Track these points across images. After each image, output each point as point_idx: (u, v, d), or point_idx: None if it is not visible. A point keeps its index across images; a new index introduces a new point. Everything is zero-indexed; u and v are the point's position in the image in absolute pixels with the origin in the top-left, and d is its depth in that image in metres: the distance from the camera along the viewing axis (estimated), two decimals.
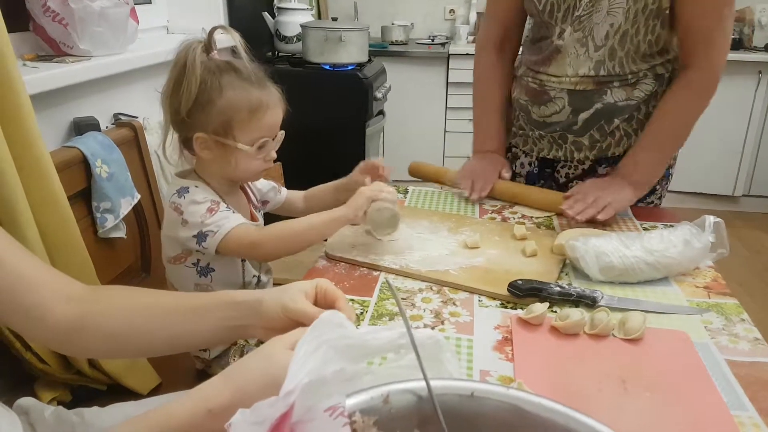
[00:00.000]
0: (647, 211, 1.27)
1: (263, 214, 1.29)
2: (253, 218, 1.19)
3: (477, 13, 3.71)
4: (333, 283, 0.69)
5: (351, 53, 2.48)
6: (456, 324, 0.85)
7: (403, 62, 3.38)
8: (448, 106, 3.51)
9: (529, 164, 1.40)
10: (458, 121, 3.52)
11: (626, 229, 1.16)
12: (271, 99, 1.06)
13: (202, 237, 1.04)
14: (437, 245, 1.08)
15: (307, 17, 2.64)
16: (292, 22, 2.59)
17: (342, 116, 2.50)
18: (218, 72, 1.03)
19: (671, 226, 1.04)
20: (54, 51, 1.52)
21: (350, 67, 2.50)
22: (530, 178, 1.41)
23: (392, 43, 3.54)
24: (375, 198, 1.03)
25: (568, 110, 1.25)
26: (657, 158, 1.22)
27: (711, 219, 0.98)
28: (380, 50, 3.32)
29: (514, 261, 1.02)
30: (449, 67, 3.39)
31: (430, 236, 1.12)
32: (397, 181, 1.18)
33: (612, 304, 0.88)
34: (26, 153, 1.14)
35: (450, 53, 3.35)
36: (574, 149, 1.30)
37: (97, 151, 1.41)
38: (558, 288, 0.89)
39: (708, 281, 0.98)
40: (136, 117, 1.68)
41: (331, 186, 1.26)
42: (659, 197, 1.35)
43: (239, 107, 1.03)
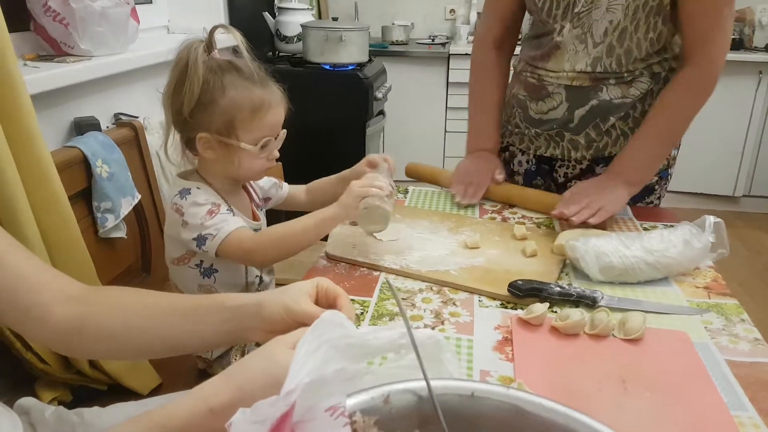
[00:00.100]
0: (647, 211, 1.27)
1: (266, 212, 1.28)
2: (255, 218, 1.19)
3: (477, 13, 3.71)
4: (333, 282, 0.69)
5: (351, 53, 2.49)
6: (456, 324, 0.85)
7: (404, 62, 3.38)
8: (449, 106, 3.51)
9: (527, 162, 1.40)
10: (458, 121, 3.52)
11: (626, 229, 1.16)
12: (274, 98, 1.06)
13: (202, 240, 1.03)
14: (437, 245, 1.08)
15: (308, 17, 2.64)
16: (293, 22, 2.59)
17: (342, 116, 2.50)
18: (220, 71, 1.02)
19: (671, 226, 1.04)
20: (55, 51, 1.52)
21: (350, 67, 2.50)
22: (528, 177, 1.41)
23: (392, 43, 3.55)
24: (365, 195, 1.01)
25: (565, 106, 1.25)
26: (652, 156, 1.21)
27: (711, 219, 0.98)
28: (380, 50, 3.32)
29: (514, 261, 1.02)
30: (449, 67, 3.39)
31: (430, 236, 1.12)
32: (397, 182, 1.17)
33: (612, 305, 0.88)
34: (27, 153, 1.14)
35: (450, 53, 3.35)
36: (571, 147, 1.30)
37: (98, 151, 1.41)
38: (558, 288, 0.89)
39: (708, 281, 0.98)
40: (137, 117, 1.68)
41: (335, 178, 1.25)
42: (658, 197, 1.35)
43: (242, 106, 1.02)
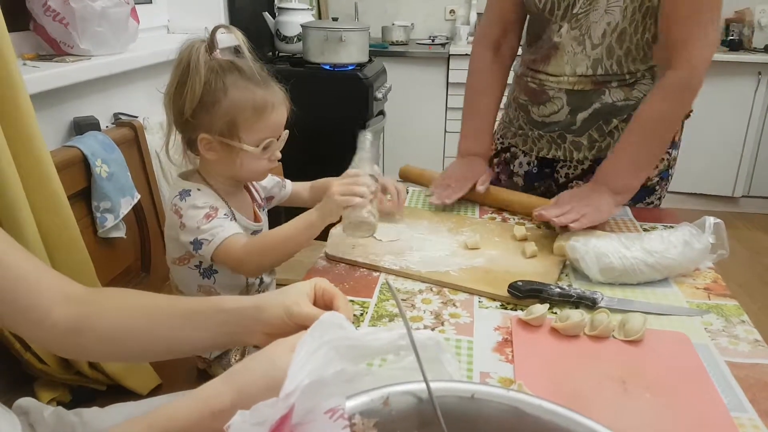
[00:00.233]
0: (647, 212, 1.27)
1: (268, 211, 1.28)
2: (257, 218, 1.18)
3: (477, 14, 3.71)
4: (330, 283, 0.69)
5: (351, 53, 2.48)
6: (456, 325, 0.85)
7: (404, 62, 3.38)
8: (449, 107, 3.50)
9: (528, 164, 1.40)
10: (458, 122, 3.45)
11: (626, 230, 1.16)
12: (276, 98, 1.05)
13: (198, 244, 1.03)
14: (437, 246, 1.08)
15: (308, 17, 2.64)
16: (293, 22, 2.59)
17: (342, 116, 2.50)
18: (222, 72, 1.02)
19: (671, 227, 1.04)
20: (54, 50, 1.52)
21: (350, 67, 2.50)
22: (529, 178, 1.40)
23: (392, 44, 3.54)
24: (346, 205, 0.99)
25: (567, 110, 1.25)
26: (635, 163, 1.15)
27: (711, 220, 0.98)
28: (380, 50, 3.32)
29: (514, 262, 1.02)
30: (449, 68, 3.39)
31: (430, 237, 1.12)
32: (398, 182, 1.17)
33: (612, 306, 0.88)
34: (26, 152, 1.14)
35: (450, 53, 3.35)
36: (573, 149, 1.30)
37: (97, 151, 1.41)
38: (558, 289, 0.89)
39: (708, 282, 0.98)
40: (137, 117, 1.68)
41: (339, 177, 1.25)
42: (659, 198, 1.35)
43: (244, 107, 1.02)
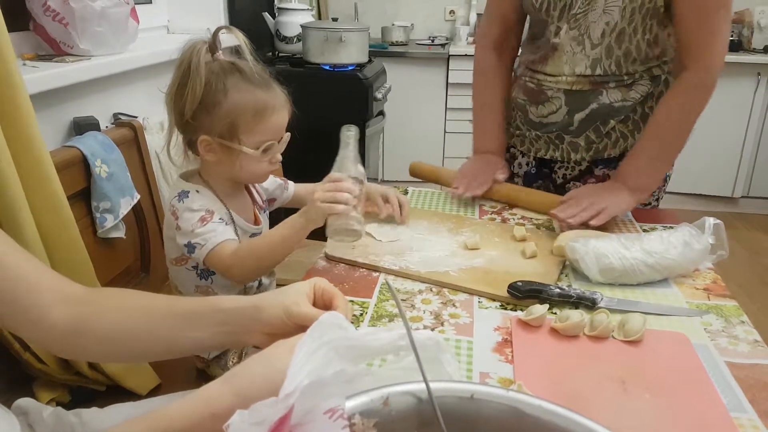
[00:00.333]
0: (647, 213, 1.27)
1: (270, 213, 1.27)
2: (257, 221, 1.18)
3: (477, 14, 3.71)
4: (329, 282, 0.69)
5: (351, 54, 2.48)
6: (456, 325, 0.85)
7: (403, 63, 3.38)
8: (448, 107, 3.51)
9: (527, 164, 1.40)
10: (458, 122, 3.52)
11: (626, 231, 1.16)
12: (277, 101, 1.04)
13: (191, 248, 1.04)
14: (437, 246, 1.08)
15: (308, 18, 2.64)
16: (293, 23, 2.59)
17: (342, 116, 2.47)
18: (223, 74, 1.01)
19: (671, 228, 1.04)
20: (54, 50, 1.52)
21: (350, 68, 2.50)
22: (528, 179, 1.41)
23: (392, 44, 3.54)
24: (329, 212, 0.97)
25: (565, 110, 1.25)
26: (657, 163, 1.20)
27: (710, 221, 0.98)
28: (380, 51, 3.32)
29: (514, 262, 1.02)
30: (449, 68, 3.39)
31: (430, 237, 1.12)
32: (397, 182, 1.17)
33: (612, 306, 0.88)
34: (26, 152, 1.14)
35: (450, 54, 3.35)
36: (571, 150, 1.30)
37: (97, 151, 1.40)
38: (558, 289, 0.89)
39: (708, 283, 0.98)
40: (136, 117, 1.68)
41: None
42: (656, 199, 1.35)
43: (244, 110, 1.01)
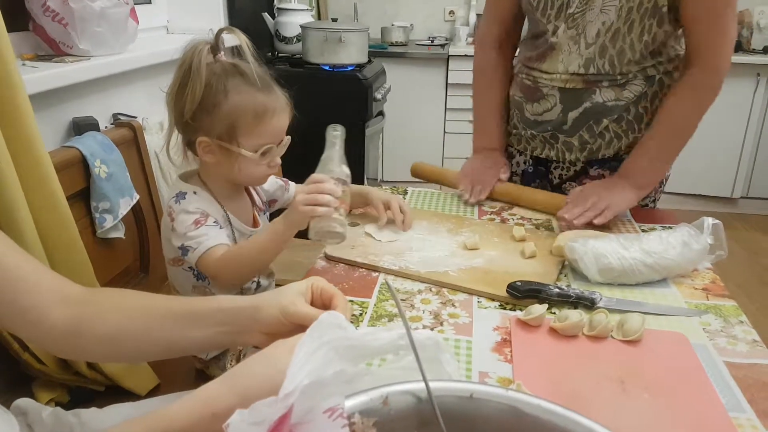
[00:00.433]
0: (646, 213, 1.27)
1: (270, 214, 1.27)
2: (256, 223, 1.18)
3: (477, 15, 3.71)
4: (327, 281, 0.69)
5: (351, 54, 2.48)
6: (455, 325, 0.85)
7: (403, 63, 3.38)
8: (448, 107, 3.51)
9: (524, 163, 1.41)
10: (458, 122, 3.52)
11: (625, 231, 1.16)
12: (278, 104, 1.04)
13: (185, 250, 1.04)
14: (436, 246, 1.08)
15: (307, 18, 2.64)
16: (292, 23, 2.59)
17: (342, 117, 2.47)
18: (224, 75, 1.01)
19: (670, 228, 1.04)
20: (54, 51, 1.52)
21: (350, 68, 2.50)
22: (526, 177, 1.41)
23: (392, 44, 3.54)
24: (311, 215, 0.96)
25: (559, 108, 1.26)
26: (661, 160, 1.22)
27: (709, 221, 0.98)
28: (380, 51, 3.32)
29: (513, 262, 1.02)
30: (449, 69, 3.39)
31: (430, 237, 1.12)
32: (397, 182, 1.17)
33: (611, 306, 0.88)
34: (25, 153, 1.14)
35: (450, 54, 3.35)
36: (565, 149, 1.31)
37: (96, 151, 1.40)
38: (557, 289, 0.89)
39: (706, 283, 0.98)
40: (136, 117, 1.68)
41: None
42: (653, 200, 1.36)
43: (244, 112, 1.01)
